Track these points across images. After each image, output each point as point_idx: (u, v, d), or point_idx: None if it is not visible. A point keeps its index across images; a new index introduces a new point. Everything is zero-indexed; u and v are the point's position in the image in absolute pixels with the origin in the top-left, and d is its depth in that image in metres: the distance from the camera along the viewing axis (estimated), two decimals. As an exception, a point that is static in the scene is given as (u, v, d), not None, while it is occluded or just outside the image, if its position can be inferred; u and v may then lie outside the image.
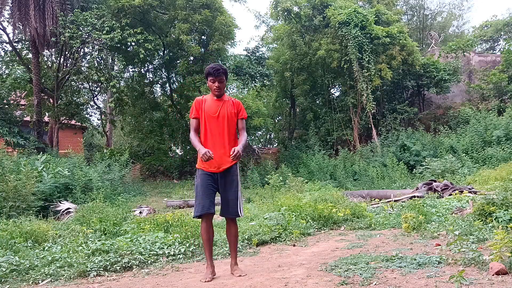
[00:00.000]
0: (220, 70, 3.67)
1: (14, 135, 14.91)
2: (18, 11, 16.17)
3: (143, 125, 20.28)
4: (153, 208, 10.30)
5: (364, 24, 17.74)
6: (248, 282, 3.37)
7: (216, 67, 3.68)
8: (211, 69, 3.67)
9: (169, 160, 19.31)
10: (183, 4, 16.72)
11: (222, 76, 3.69)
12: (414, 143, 16.65)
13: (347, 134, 19.81)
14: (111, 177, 12.93)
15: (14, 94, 18.75)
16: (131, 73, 20.45)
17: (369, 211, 7.26)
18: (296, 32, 20.08)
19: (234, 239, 3.79)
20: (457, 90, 21.08)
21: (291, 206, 6.55)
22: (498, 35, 28.36)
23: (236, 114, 3.78)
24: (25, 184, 8.38)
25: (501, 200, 4.88)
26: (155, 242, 4.80)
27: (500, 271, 2.93)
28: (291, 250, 4.81)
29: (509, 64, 19.12)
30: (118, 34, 15.50)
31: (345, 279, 3.20)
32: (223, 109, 3.71)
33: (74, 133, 21.28)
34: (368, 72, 17.74)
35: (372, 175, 14.69)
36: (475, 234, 4.22)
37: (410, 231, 5.20)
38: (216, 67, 3.68)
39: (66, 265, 4.13)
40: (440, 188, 8.79)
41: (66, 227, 6.17)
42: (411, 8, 30.99)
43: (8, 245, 4.99)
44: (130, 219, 7.05)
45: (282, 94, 24.14)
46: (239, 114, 3.80)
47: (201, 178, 3.67)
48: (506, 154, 13.93)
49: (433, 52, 22.46)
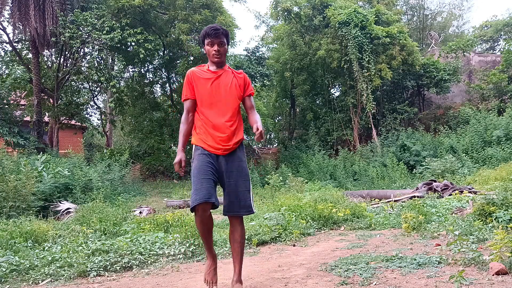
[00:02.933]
0: (219, 29, 2.94)
1: (14, 135, 14.90)
2: (18, 11, 16.17)
3: (143, 125, 20.28)
4: (153, 208, 10.30)
5: (364, 24, 17.75)
6: (248, 282, 3.37)
7: (215, 26, 2.97)
8: (209, 29, 2.94)
9: (169, 160, 19.31)
10: (183, 4, 16.72)
11: (223, 38, 2.95)
12: (414, 143, 16.65)
13: (347, 134, 19.81)
14: (111, 177, 12.93)
15: (14, 94, 18.73)
16: (131, 73, 20.45)
17: (369, 211, 7.26)
18: (296, 32, 20.09)
19: (240, 247, 2.95)
20: (457, 90, 21.08)
21: (291, 206, 6.55)
22: (498, 35, 28.38)
23: (243, 89, 3.04)
24: (25, 184, 8.37)
25: (501, 200, 4.88)
26: (155, 242, 4.79)
27: (500, 271, 2.93)
28: (291, 250, 4.81)
29: (509, 64, 19.11)
30: (118, 34, 15.50)
31: (345, 279, 3.20)
32: (223, 80, 2.99)
33: (74, 133, 21.28)
34: (368, 72, 17.74)
35: (372, 175, 14.68)
36: (475, 234, 4.21)
37: (410, 231, 5.20)
38: (214, 26, 2.97)
39: (66, 265, 4.13)
40: (440, 188, 8.79)
41: (66, 227, 6.17)
42: (411, 8, 30.99)
43: (8, 245, 4.99)
44: (130, 219, 7.05)
45: (282, 94, 24.15)
46: (247, 89, 3.07)
47: (198, 159, 2.86)
48: (506, 154, 13.92)
49: (433, 52, 22.46)
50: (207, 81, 2.98)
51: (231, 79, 3.02)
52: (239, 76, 3.07)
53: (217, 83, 2.97)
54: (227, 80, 3.00)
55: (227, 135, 2.89)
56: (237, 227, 2.96)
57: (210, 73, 3.01)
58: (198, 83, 2.99)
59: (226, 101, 2.95)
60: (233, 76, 3.04)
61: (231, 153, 2.92)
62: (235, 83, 3.01)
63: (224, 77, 3.01)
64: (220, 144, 2.88)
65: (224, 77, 3.01)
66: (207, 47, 2.99)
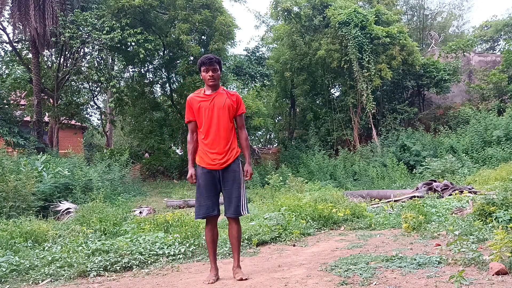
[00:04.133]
0: (213, 58, 3.49)
1: (14, 135, 14.90)
2: (18, 11, 16.17)
3: (143, 125, 20.27)
4: (153, 208, 10.30)
5: (364, 24, 17.75)
6: (248, 282, 3.37)
7: (209, 56, 3.53)
8: (204, 59, 3.50)
9: (169, 160, 19.32)
10: (183, 4, 16.72)
11: (216, 65, 3.48)
12: (414, 143, 16.65)
13: (347, 134, 19.81)
14: (111, 177, 12.93)
15: (14, 94, 18.75)
16: (131, 73, 20.44)
17: (369, 211, 7.26)
18: (296, 32, 20.09)
19: (236, 241, 3.56)
20: (457, 90, 21.08)
21: (291, 206, 6.55)
22: (498, 35, 28.39)
23: (235, 108, 3.54)
24: (25, 184, 8.37)
25: (501, 200, 4.88)
26: (155, 242, 4.79)
27: (500, 271, 2.93)
28: (291, 250, 4.81)
29: (509, 64, 19.12)
30: (118, 34, 15.49)
31: (345, 279, 3.20)
32: (217, 102, 3.48)
33: (74, 133, 21.29)
34: (368, 72, 17.74)
35: (372, 175, 14.69)
36: (475, 234, 4.21)
37: (410, 231, 5.20)
38: (208, 56, 3.53)
39: (66, 265, 4.13)
40: (440, 188, 8.79)
41: (66, 227, 6.17)
42: (411, 8, 30.99)
43: (8, 245, 4.99)
44: (130, 219, 7.05)
45: (282, 94, 24.15)
46: (239, 109, 3.56)
47: (202, 178, 3.50)
48: (506, 154, 13.93)
49: (433, 52, 22.46)
50: (205, 103, 3.50)
51: (225, 100, 3.50)
52: (232, 96, 3.55)
53: (211, 105, 3.48)
54: (220, 101, 3.50)
55: (222, 154, 3.47)
56: (233, 225, 3.55)
57: (205, 97, 3.53)
58: (195, 107, 3.52)
59: (220, 122, 3.47)
60: (226, 97, 3.53)
61: (229, 165, 3.49)
62: (228, 104, 3.49)
63: (217, 99, 3.50)
64: (216, 161, 3.46)
65: (218, 99, 3.50)
66: (203, 73, 3.52)
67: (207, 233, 3.58)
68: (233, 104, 3.52)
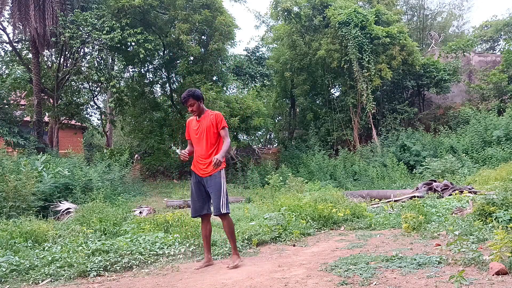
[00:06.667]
0: (185, 97, 4.22)
1: (14, 135, 14.89)
2: (18, 11, 16.16)
3: (143, 125, 20.26)
4: (153, 208, 10.29)
5: (364, 24, 17.75)
6: (248, 282, 3.37)
7: (183, 95, 4.24)
8: (181, 99, 4.37)
9: (169, 160, 19.31)
10: (183, 4, 16.71)
11: (190, 101, 4.20)
12: (414, 143, 16.65)
13: (347, 134, 19.80)
14: (111, 177, 12.91)
15: (14, 94, 18.72)
16: (131, 73, 20.43)
17: (369, 211, 7.26)
18: (296, 32, 20.08)
19: (228, 233, 4.24)
20: (457, 90, 21.07)
21: (291, 206, 6.55)
22: (498, 35, 28.37)
23: (216, 125, 4.27)
24: (25, 184, 8.37)
25: (501, 200, 4.88)
26: (155, 242, 4.80)
27: (500, 271, 2.93)
28: (291, 250, 4.81)
29: (509, 64, 19.11)
30: (118, 34, 15.48)
31: (345, 279, 3.20)
32: (202, 125, 4.28)
33: (74, 133, 21.27)
34: (368, 72, 17.74)
35: (372, 175, 14.68)
36: (475, 234, 4.22)
37: (410, 231, 5.20)
38: (183, 95, 4.25)
39: (66, 265, 4.13)
40: (440, 188, 8.79)
41: (66, 227, 6.17)
42: (411, 8, 30.98)
43: (8, 245, 5.00)
44: (130, 219, 7.04)
45: (282, 94, 24.14)
46: (219, 125, 4.28)
47: (193, 182, 4.34)
48: (506, 154, 13.92)
49: (433, 52, 22.46)
50: (195, 126, 4.36)
51: (209, 121, 4.27)
52: (212, 117, 4.29)
53: (201, 128, 4.31)
54: (206, 123, 4.29)
55: (207, 165, 4.21)
56: (223, 221, 4.28)
57: (196, 122, 4.37)
58: (190, 128, 4.44)
59: (206, 139, 4.26)
60: (209, 118, 4.28)
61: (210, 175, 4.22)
62: (211, 124, 4.27)
63: (204, 122, 4.31)
64: (202, 170, 4.25)
65: (204, 122, 4.31)
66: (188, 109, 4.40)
67: (202, 229, 4.37)
68: (213, 123, 4.27)
